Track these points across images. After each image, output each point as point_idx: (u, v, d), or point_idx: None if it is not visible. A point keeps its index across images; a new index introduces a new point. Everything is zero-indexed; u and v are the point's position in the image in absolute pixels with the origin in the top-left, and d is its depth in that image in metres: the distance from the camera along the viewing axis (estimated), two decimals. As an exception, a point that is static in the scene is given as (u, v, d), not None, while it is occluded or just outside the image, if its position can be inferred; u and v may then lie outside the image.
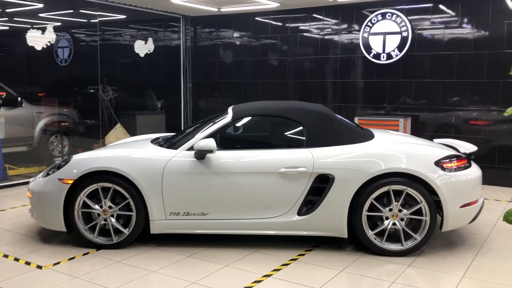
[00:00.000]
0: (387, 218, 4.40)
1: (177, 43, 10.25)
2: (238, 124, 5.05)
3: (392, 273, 4.07)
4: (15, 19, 8.76)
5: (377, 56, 8.07)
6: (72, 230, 4.66)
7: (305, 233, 4.51)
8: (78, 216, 4.57)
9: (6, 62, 9.24)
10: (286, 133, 5.17)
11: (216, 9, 9.12)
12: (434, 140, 5.38)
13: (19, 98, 8.46)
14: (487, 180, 6.25)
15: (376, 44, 8.05)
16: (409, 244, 4.40)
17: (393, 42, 7.90)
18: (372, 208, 4.40)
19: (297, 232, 4.52)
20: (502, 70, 7.05)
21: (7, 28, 9.07)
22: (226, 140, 4.99)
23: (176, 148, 4.65)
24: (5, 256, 4.47)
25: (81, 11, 9.14)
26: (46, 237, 4.96)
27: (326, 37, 8.66)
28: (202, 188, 4.48)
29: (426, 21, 7.73)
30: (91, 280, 3.94)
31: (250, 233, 4.58)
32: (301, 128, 4.68)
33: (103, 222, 4.59)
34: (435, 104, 7.76)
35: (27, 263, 4.30)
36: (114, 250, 4.57)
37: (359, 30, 8.24)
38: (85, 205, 4.57)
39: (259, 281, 3.91)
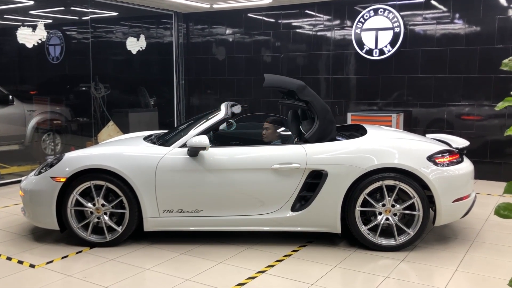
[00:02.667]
0: (380, 213, 4.41)
1: (170, 40, 10.21)
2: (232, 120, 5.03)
3: (386, 268, 4.09)
4: (5, 16, 8.68)
5: (370, 52, 8.08)
6: (65, 229, 4.64)
7: (298, 229, 4.51)
8: (71, 214, 4.55)
9: (-3, 60, 9.17)
10: (280, 130, 5.18)
11: (208, 6, 9.09)
12: (427, 135, 5.40)
13: (10, 96, 8.39)
14: (479, 174, 6.30)
15: (368, 40, 8.06)
16: (402, 239, 4.42)
17: (385, 38, 7.91)
18: (365, 203, 4.41)
19: (291, 228, 4.52)
20: (494, 65, 7.09)
21: (-3, 25, 9.00)
22: (219, 136, 4.99)
23: (169, 146, 4.64)
24: (-2, 255, 4.44)
25: (72, 8, 9.08)
26: (39, 235, 4.94)
27: (319, 33, 8.66)
28: (195, 185, 4.46)
29: (418, 16, 7.74)
30: (85, 278, 3.93)
31: (244, 230, 4.58)
32: (314, 119, 4.64)
33: (96, 220, 4.57)
34: (427, 100, 7.79)
35: (20, 262, 4.28)
36: (108, 248, 4.55)
37: (351, 26, 8.24)
38: (78, 203, 4.54)
39: (253, 278, 3.91)
